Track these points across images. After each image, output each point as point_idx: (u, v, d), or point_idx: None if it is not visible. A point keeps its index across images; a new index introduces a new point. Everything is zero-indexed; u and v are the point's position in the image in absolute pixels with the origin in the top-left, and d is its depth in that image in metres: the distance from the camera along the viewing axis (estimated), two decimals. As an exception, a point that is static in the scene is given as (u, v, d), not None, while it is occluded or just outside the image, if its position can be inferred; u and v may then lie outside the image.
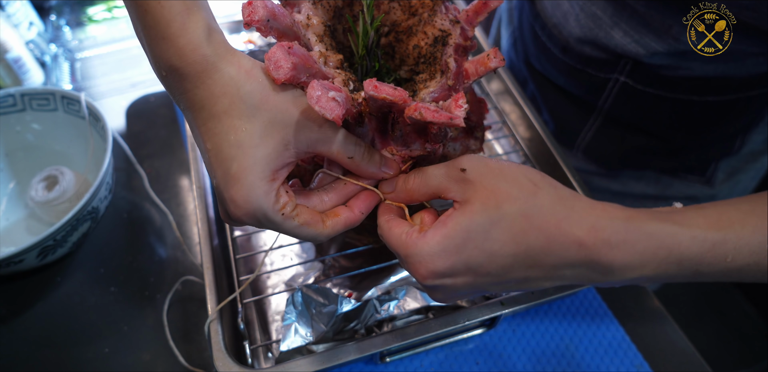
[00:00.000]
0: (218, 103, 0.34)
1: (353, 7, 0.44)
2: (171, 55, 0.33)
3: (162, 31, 0.33)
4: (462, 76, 0.41)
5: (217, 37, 0.34)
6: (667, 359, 0.58)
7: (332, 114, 0.33)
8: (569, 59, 0.67)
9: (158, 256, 0.68)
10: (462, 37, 0.42)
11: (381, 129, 0.39)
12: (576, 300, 0.61)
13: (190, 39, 0.33)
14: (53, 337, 0.61)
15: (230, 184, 0.34)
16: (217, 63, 0.34)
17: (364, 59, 0.43)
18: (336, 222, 0.38)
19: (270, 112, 0.34)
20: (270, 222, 0.36)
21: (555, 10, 0.66)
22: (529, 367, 0.57)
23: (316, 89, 0.33)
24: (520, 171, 0.35)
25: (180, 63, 0.33)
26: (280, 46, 0.34)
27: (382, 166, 0.39)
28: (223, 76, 0.34)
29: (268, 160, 0.34)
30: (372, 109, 0.37)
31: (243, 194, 0.34)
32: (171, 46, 0.33)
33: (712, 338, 1.46)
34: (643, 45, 0.57)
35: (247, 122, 0.34)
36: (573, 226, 0.33)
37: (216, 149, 0.35)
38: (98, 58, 0.93)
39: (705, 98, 0.61)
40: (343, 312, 0.50)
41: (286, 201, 0.36)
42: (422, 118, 0.33)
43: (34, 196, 0.67)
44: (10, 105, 0.71)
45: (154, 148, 0.79)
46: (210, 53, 0.33)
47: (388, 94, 0.33)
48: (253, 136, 0.34)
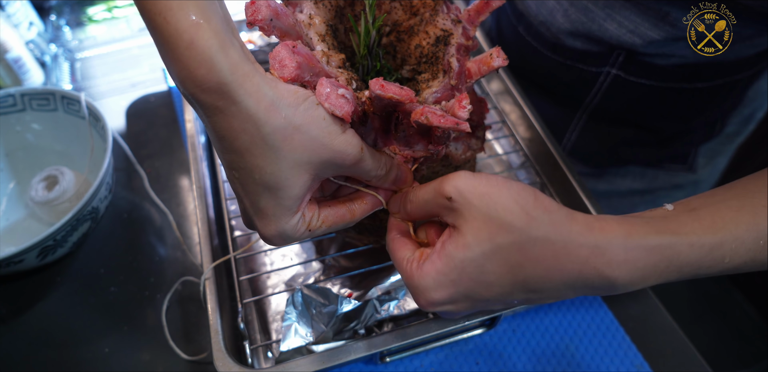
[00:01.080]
0: (238, 139, 0.32)
1: (354, 7, 0.44)
2: (184, 77, 0.30)
3: (172, 51, 0.29)
4: (464, 76, 0.41)
5: (234, 56, 0.30)
6: (667, 359, 0.58)
7: (342, 111, 0.33)
8: (558, 56, 0.67)
9: (158, 256, 0.68)
10: (464, 37, 0.42)
11: (384, 128, 0.39)
12: (576, 300, 0.61)
13: (202, 60, 0.29)
14: (53, 337, 0.61)
15: (259, 216, 0.35)
16: (235, 93, 0.30)
17: (366, 59, 0.43)
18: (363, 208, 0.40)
19: (295, 154, 0.32)
20: (300, 239, 0.37)
21: (540, 9, 0.66)
22: (529, 367, 0.57)
23: (325, 86, 0.33)
24: (510, 196, 0.33)
25: (194, 89, 0.30)
26: (284, 46, 0.34)
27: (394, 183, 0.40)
28: (241, 110, 0.30)
29: (295, 199, 0.34)
30: (376, 109, 0.37)
31: (272, 228, 0.35)
32: (183, 67, 0.30)
33: (712, 338, 1.46)
34: (639, 34, 0.57)
35: (271, 163, 0.32)
36: (571, 254, 0.32)
37: (242, 181, 0.34)
38: (98, 58, 0.93)
39: (694, 85, 0.62)
40: (343, 312, 0.50)
41: (310, 217, 0.37)
42: (429, 122, 0.34)
43: (34, 196, 0.67)
44: (10, 105, 0.71)
45: (154, 148, 0.79)
46: (227, 79, 0.30)
47: (395, 94, 0.33)
48: (278, 178, 0.33)
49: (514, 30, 0.73)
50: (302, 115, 0.32)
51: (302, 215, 0.36)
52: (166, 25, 0.29)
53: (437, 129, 0.37)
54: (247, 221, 0.38)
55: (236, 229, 0.63)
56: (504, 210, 0.33)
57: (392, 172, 0.39)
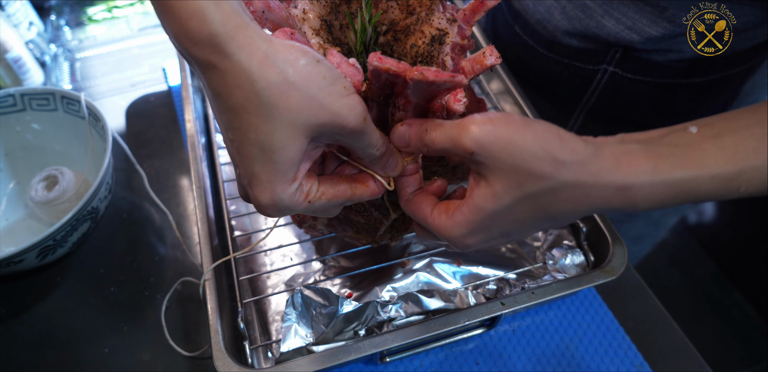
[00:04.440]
0: (233, 96, 0.30)
1: (351, 4, 0.44)
2: (176, 31, 0.29)
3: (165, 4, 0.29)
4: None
5: (226, 7, 0.29)
6: (667, 359, 0.58)
7: (353, 78, 0.33)
8: (555, 54, 0.68)
9: (158, 256, 0.68)
10: (459, 36, 0.42)
11: (381, 117, 0.39)
12: (576, 300, 0.61)
13: (193, 11, 0.28)
14: (53, 337, 0.61)
15: (254, 183, 0.33)
16: (227, 45, 0.29)
17: (362, 56, 0.43)
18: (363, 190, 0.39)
19: (291, 113, 0.31)
20: (298, 211, 0.36)
21: (537, 7, 0.67)
22: (529, 367, 0.57)
23: (336, 56, 0.33)
24: (535, 141, 0.32)
25: (186, 42, 0.29)
26: (282, 32, 0.34)
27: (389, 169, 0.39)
28: (234, 64, 0.29)
29: (291, 164, 0.33)
30: (374, 93, 0.37)
31: (267, 196, 0.34)
32: (174, 20, 0.29)
33: (712, 338, 1.46)
34: (637, 31, 0.57)
35: (266, 122, 0.31)
36: (600, 190, 0.33)
37: (238, 144, 0.32)
38: (98, 58, 0.93)
39: (691, 80, 0.62)
40: (343, 313, 0.50)
41: (308, 188, 0.35)
42: (424, 78, 0.33)
43: (34, 196, 0.67)
44: (10, 105, 0.71)
45: (154, 148, 0.79)
46: (218, 30, 0.29)
47: (392, 65, 0.33)
48: (273, 139, 0.31)
49: (510, 29, 0.73)
50: (300, 70, 0.30)
51: (300, 185, 0.34)
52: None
53: (434, 103, 0.37)
54: (243, 191, 0.36)
55: (236, 229, 0.63)
56: (531, 158, 0.32)
57: (386, 156, 0.38)
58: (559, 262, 0.58)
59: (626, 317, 0.60)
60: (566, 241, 0.61)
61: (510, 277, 0.58)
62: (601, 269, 0.54)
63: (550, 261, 0.59)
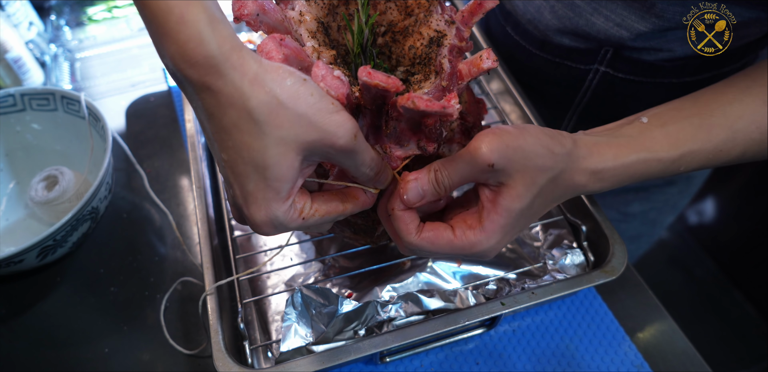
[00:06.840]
0: (226, 115, 0.32)
1: (349, 5, 0.44)
2: (173, 53, 0.30)
3: (161, 26, 0.30)
4: (456, 77, 0.40)
5: (222, 31, 0.30)
6: (667, 359, 0.58)
7: (337, 92, 0.33)
8: (547, 54, 0.68)
9: (158, 256, 0.68)
10: (457, 38, 0.42)
11: (375, 124, 0.39)
12: (576, 300, 0.61)
13: (191, 34, 0.29)
14: (53, 337, 0.61)
15: (248, 201, 0.34)
16: (221, 66, 0.30)
17: (360, 57, 0.43)
18: (355, 203, 0.40)
19: (281, 130, 0.31)
20: (292, 228, 0.37)
21: (527, 7, 0.67)
22: (529, 367, 0.57)
23: (321, 68, 0.33)
24: (536, 142, 0.38)
25: (183, 64, 0.30)
26: (272, 38, 0.34)
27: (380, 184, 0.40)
28: (227, 84, 0.31)
29: (284, 181, 0.33)
30: (366, 101, 0.37)
31: (262, 213, 0.34)
32: (172, 43, 0.30)
33: (712, 338, 1.46)
34: (626, 27, 0.57)
35: (258, 140, 0.31)
36: (580, 175, 0.41)
37: (231, 163, 0.33)
38: (98, 58, 0.93)
39: (683, 79, 0.63)
40: (343, 313, 0.50)
41: (301, 205, 0.36)
42: (415, 106, 0.33)
43: (34, 196, 0.67)
44: (10, 105, 0.71)
45: (154, 148, 0.79)
46: (214, 53, 0.30)
47: (381, 81, 0.33)
48: (266, 156, 0.32)
49: (503, 30, 0.74)
50: (288, 89, 0.31)
51: (294, 202, 0.35)
52: (157, 0, 0.30)
53: (427, 119, 0.37)
54: (237, 213, 0.37)
55: (236, 229, 0.63)
56: (537, 156, 0.38)
57: (379, 174, 0.39)
58: (559, 262, 0.58)
59: (626, 317, 0.60)
60: (566, 240, 0.61)
61: (510, 277, 0.58)
62: (601, 269, 0.54)
63: (550, 261, 0.59)
